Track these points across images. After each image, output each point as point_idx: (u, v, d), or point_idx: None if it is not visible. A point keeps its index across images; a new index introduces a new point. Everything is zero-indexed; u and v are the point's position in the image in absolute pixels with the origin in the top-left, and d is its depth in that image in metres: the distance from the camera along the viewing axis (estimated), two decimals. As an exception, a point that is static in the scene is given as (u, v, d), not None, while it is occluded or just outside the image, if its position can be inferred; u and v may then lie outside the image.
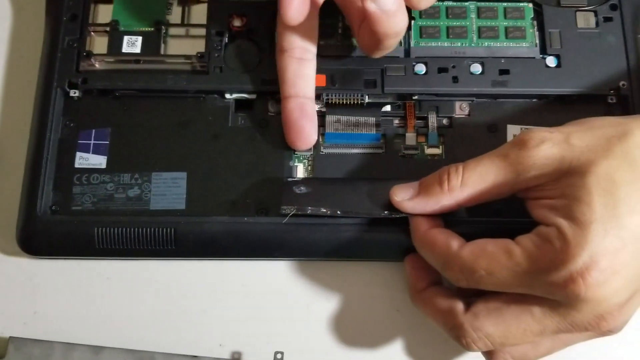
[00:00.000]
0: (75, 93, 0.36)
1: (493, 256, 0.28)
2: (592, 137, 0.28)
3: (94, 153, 0.35)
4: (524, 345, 0.30)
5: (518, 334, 0.29)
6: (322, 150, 0.35)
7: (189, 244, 0.33)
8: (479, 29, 0.37)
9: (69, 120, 0.35)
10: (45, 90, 0.35)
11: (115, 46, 0.36)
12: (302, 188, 0.33)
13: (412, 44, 0.36)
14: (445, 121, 0.36)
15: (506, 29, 0.37)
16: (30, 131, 0.35)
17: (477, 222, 0.33)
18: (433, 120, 0.36)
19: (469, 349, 0.30)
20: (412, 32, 0.37)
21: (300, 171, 0.35)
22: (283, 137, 0.35)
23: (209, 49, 0.36)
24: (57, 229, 0.33)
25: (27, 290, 0.34)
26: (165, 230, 0.33)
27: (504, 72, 0.36)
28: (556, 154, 0.28)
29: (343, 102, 0.36)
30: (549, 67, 0.36)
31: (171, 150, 0.35)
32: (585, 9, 0.37)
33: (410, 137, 0.36)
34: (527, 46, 0.37)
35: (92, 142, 0.35)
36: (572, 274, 0.26)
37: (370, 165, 0.35)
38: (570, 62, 0.36)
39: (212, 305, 0.34)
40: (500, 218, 0.33)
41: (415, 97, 0.36)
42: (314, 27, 0.35)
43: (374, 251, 0.33)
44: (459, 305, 0.30)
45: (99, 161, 0.35)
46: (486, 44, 0.36)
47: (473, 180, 0.30)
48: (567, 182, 0.28)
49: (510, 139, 0.32)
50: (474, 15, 0.37)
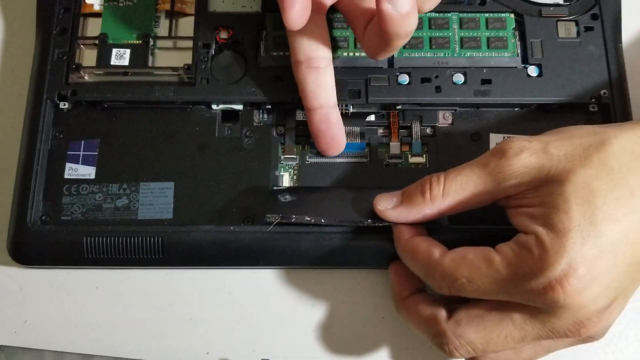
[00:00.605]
0: (64, 105, 0.36)
1: (473, 264, 0.28)
2: (570, 146, 0.28)
3: (83, 164, 0.35)
4: (506, 352, 0.30)
5: (499, 340, 0.29)
6: (307, 159, 0.35)
7: (176, 253, 0.33)
8: (461, 39, 0.37)
9: (58, 132, 0.35)
10: (35, 102, 0.36)
11: (104, 59, 0.36)
12: (287, 197, 0.33)
13: (396, 54, 0.36)
14: (428, 130, 0.36)
15: (488, 39, 0.37)
16: (20, 142, 0.35)
17: (459, 229, 0.33)
18: (417, 129, 0.36)
19: (451, 356, 0.30)
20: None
21: (286, 180, 0.35)
22: (268, 147, 0.35)
23: (195, 60, 0.36)
24: (47, 239, 0.33)
25: (17, 299, 0.34)
26: (152, 239, 0.33)
27: (486, 81, 0.36)
28: (535, 162, 0.28)
29: (328, 112, 0.36)
30: (530, 76, 0.36)
31: (159, 161, 0.35)
32: (566, 18, 0.37)
33: (395, 146, 0.36)
34: (508, 56, 0.37)
35: (82, 153, 0.35)
36: (550, 282, 0.26)
37: (355, 174, 0.35)
38: (551, 71, 0.36)
39: (199, 313, 0.34)
40: (481, 226, 0.33)
41: (399, 107, 0.36)
42: (324, 34, 0.35)
43: (358, 259, 0.33)
44: (442, 313, 0.30)
45: (88, 172, 0.35)
46: (468, 54, 0.36)
47: (454, 189, 0.30)
48: (545, 190, 0.28)
49: (491, 148, 0.32)
50: (456, 26, 0.37)
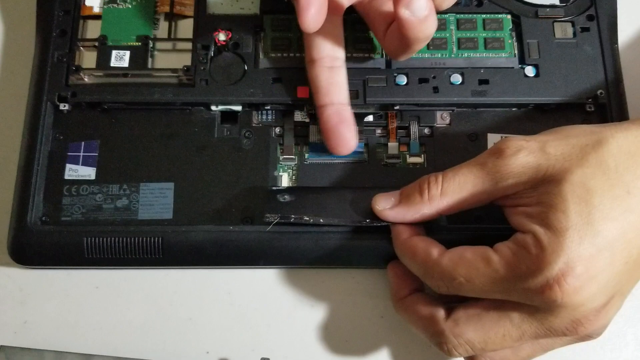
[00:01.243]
0: (64, 106, 0.36)
1: (472, 264, 0.28)
2: (567, 146, 0.28)
3: (83, 165, 0.35)
4: (504, 351, 0.30)
5: (497, 339, 0.29)
6: (306, 159, 0.35)
7: (176, 252, 0.33)
8: (459, 40, 0.37)
9: (58, 133, 0.35)
10: (35, 104, 0.35)
11: (103, 60, 0.36)
12: (286, 197, 0.33)
13: (394, 55, 0.36)
14: (426, 130, 0.36)
15: (485, 40, 0.37)
16: (20, 144, 0.35)
17: (457, 229, 0.33)
18: (415, 129, 0.36)
19: (450, 355, 0.30)
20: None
21: (285, 180, 0.35)
22: (267, 148, 0.35)
23: (195, 62, 0.36)
24: (47, 239, 0.33)
25: (17, 300, 0.34)
26: (152, 239, 0.33)
27: (484, 82, 0.36)
28: (532, 162, 0.28)
29: (327, 113, 0.36)
30: (527, 76, 0.36)
31: (158, 162, 0.35)
32: (563, 19, 0.37)
33: (393, 146, 0.36)
34: (506, 56, 0.37)
35: (82, 154, 0.35)
36: (548, 280, 0.26)
37: (353, 174, 0.35)
38: (548, 71, 0.36)
39: (198, 313, 0.34)
40: (479, 225, 0.33)
41: (397, 107, 0.36)
42: (339, 34, 0.35)
43: (357, 259, 0.33)
44: (440, 312, 0.30)
45: (88, 172, 0.35)
46: (466, 54, 0.36)
47: (452, 189, 0.30)
48: (543, 189, 0.28)
49: (489, 148, 0.32)
50: (453, 27, 0.37)
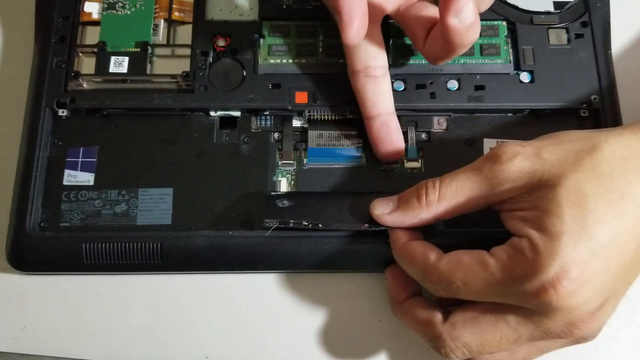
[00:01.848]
0: (63, 112, 0.36)
1: (469, 267, 0.29)
2: (561, 151, 0.29)
3: (82, 170, 0.35)
4: (501, 353, 0.30)
5: (494, 342, 0.29)
6: (304, 165, 0.36)
7: (175, 258, 0.33)
8: (455, 46, 0.37)
9: (57, 139, 0.36)
10: (34, 109, 0.36)
11: (102, 66, 0.36)
12: (285, 202, 0.34)
13: (391, 61, 0.36)
14: (424, 136, 0.36)
15: (481, 46, 0.37)
16: (19, 150, 0.35)
17: (455, 233, 0.33)
18: (412, 134, 0.36)
19: (448, 357, 0.30)
20: (391, 50, 0.37)
21: (284, 185, 0.35)
22: (266, 153, 0.35)
23: (193, 68, 0.36)
24: (46, 245, 0.33)
25: (16, 306, 0.34)
26: (151, 245, 0.33)
27: (480, 87, 0.36)
28: (528, 167, 0.29)
29: (325, 118, 0.36)
30: (522, 82, 0.36)
31: (157, 167, 0.35)
32: (557, 26, 0.38)
33: (390, 151, 0.36)
34: (501, 62, 0.37)
35: (80, 159, 0.35)
36: (543, 284, 0.27)
37: (352, 179, 0.35)
38: (543, 77, 0.36)
39: (198, 318, 0.34)
40: (476, 229, 0.33)
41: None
42: (380, 43, 0.35)
43: (355, 263, 0.34)
44: (438, 316, 0.30)
45: (86, 178, 0.35)
46: (462, 61, 0.37)
47: (450, 194, 0.30)
48: (538, 194, 0.28)
49: (485, 153, 0.32)
50: (450, 34, 0.37)
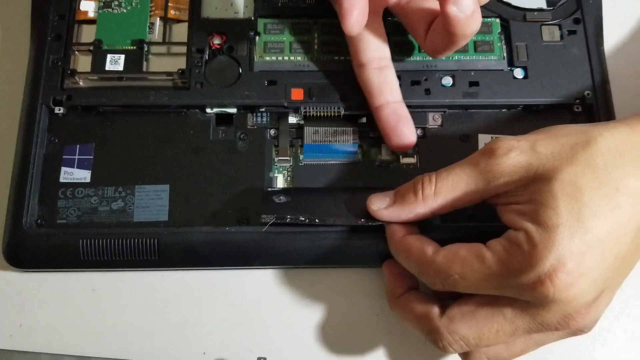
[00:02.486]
0: (59, 110, 0.35)
1: (466, 260, 0.29)
2: (556, 145, 0.29)
3: (78, 168, 0.35)
4: (498, 346, 0.30)
5: (491, 334, 0.29)
6: (301, 161, 0.36)
7: (172, 254, 0.33)
8: (450, 43, 0.37)
9: (53, 136, 0.35)
10: (30, 107, 0.35)
11: (98, 64, 0.36)
12: (281, 198, 0.34)
13: (386, 58, 0.36)
14: (419, 132, 0.36)
15: (475, 43, 0.37)
16: (15, 147, 0.35)
17: (451, 227, 0.33)
18: (407, 130, 0.36)
19: (445, 351, 0.30)
20: (386, 47, 0.37)
21: (280, 182, 0.35)
22: (262, 149, 0.35)
23: (189, 65, 0.36)
24: (43, 242, 0.33)
25: (13, 303, 0.34)
26: (148, 241, 0.33)
27: (474, 84, 0.36)
28: (523, 161, 0.29)
29: (320, 115, 0.36)
30: (516, 78, 0.37)
31: (154, 164, 0.35)
32: (550, 23, 0.38)
33: (386, 147, 0.36)
34: (495, 59, 0.37)
35: (77, 157, 0.35)
36: (540, 276, 0.27)
37: (348, 175, 0.35)
38: (536, 73, 0.37)
39: (195, 314, 0.34)
40: (472, 223, 0.33)
41: (390, 109, 0.36)
42: (382, 34, 0.35)
43: (352, 258, 0.34)
44: (435, 310, 0.30)
45: (83, 175, 0.35)
46: (456, 57, 0.37)
47: (446, 188, 0.30)
48: (534, 188, 0.28)
49: (480, 148, 0.32)
50: (444, 30, 0.37)
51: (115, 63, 0.36)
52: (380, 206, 0.32)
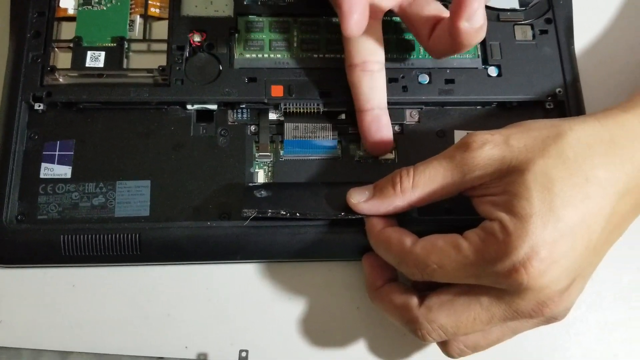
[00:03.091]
0: (39, 106, 0.35)
1: (443, 251, 0.29)
2: (529, 138, 0.29)
3: (59, 164, 0.35)
4: (475, 334, 0.31)
5: (469, 323, 0.29)
6: (281, 156, 0.36)
7: (154, 249, 0.33)
8: (426, 41, 0.38)
9: (33, 133, 0.35)
10: (10, 104, 0.35)
11: (78, 61, 0.36)
12: (262, 192, 0.34)
13: (364, 56, 0.37)
14: (397, 128, 0.37)
15: (451, 41, 0.38)
16: (-5, 144, 0.35)
17: (428, 220, 0.33)
18: (385, 127, 0.37)
19: (424, 340, 0.30)
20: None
21: (261, 177, 0.35)
22: (243, 145, 0.36)
23: (170, 62, 0.36)
24: (24, 238, 0.33)
25: (-8, 300, 0.34)
26: (130, 236, 0.33)
27: (450, 81, 0.37)
28: (497, 154, 0.29)
29: (300, 111, 0.36)
30: (490, 76, 0.37)
31: (135, 160, 0.35)
32: (523, 22, 0.39)
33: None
34: (470, 57, 0.38)
35: (57, 153, 0.35)
36: (514, 264, 0.27)
37: (328, 170, 0.36)
38: (510, 71, 0.37)
39: (177, 308, 0.34)
40: (449, 216, 0.34)
41: (368, 106, 0.36)
42: (379, 39, 0.35)
43: (333, 251, 0.34)
44: (414, 300, 0.30)
45: (64, 171, 0.35)
46: (432, 55, 0.38)
47: (423, 181, 0.31)
48: (508, 179, 0.29)
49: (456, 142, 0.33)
50: (421, 29, 0.38)
51: (96, 60, 0.36)
52: (360, 199, 0.32)
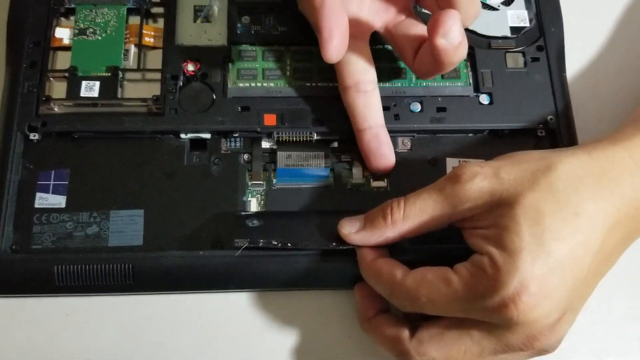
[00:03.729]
0: (34, 136, 0.35)
1: (433, 284, 0.29)
2: (519, 171, 0.29)
3: (53, 193, 0.35)
4: (465, 367, 0.30)
5: (459, 356, 0.29)
6: (274, 185, 0.36)
7: (147, 278, 0.33)
8: (418, 70, 0.38)
9: (28, 162, 0.35)
10: (5, 133, 0.35)
11: (73, 91, 0.36)
12: (255, 222, 0.34)
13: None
14: (389, 155, 0.37)
15: (442, 70, 0.38)
16: (-10, 173, 0.35)
17: (419, 249, 0.33)
18: (377, 155, 0.36)
19: (415, 373, 0.30)
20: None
21: (254, 205, 0.35)
22: (236, 174, 0.35)
23: (164, 92, 0.36)
24: (18, 268, 0.33)
25: (-14, 330, 0.33)
26: (123, 266, 0.33)
27: (441, 109, 0.37)
28: (487, 187, 0.29)
29: (293, 140, 0.36)
30: (482, 104, 0.37)
31: (128, 189, 0.35)
32: (514, 50, 0.38)
33: (357, 171, 0.36)
34: (461, 85, 0.38)
35: (52, 182, 0.35)
36: (504, 300, 0.27)
37: (320, 198, 0.36)
38: (501, 99, 0.37)
39: (169, 338, 0.34)
40: (440, 245, 0.33)
41: (361, 134, 0.36)
42: (368, 59, 0.35)
43: (324, 280, 0.34)
44: (405, 333, 0.30)
45: (58, 201, 0.34)
46: (424, 83, 0.37)
47: (414, 213, 0.30)
48: (497, 212, 0.29)
49: (447, 173, 0.33)
50: (412, 58, 0.38)
51: (90, 89, 0.36)
52: (351, 230, 0.32)
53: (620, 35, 0.41)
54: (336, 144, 0.37)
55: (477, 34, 0.38)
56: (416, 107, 0.37)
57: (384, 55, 0.38)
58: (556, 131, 0.37)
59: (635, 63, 0.41)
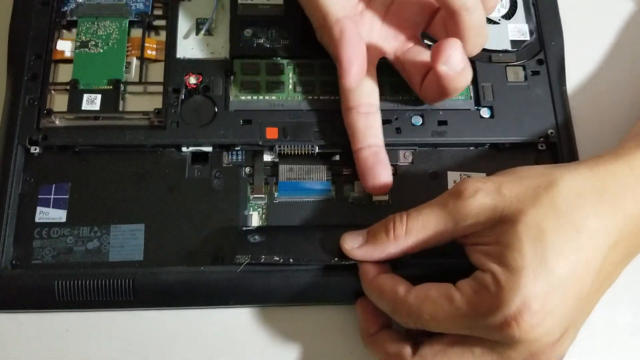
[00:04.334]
0: (35, 149, 0.35)
1: (436, 302, 0.28)
2: (520, 187, 0.29)
3: (54, 207, 0.34)
4: (467, 383, 0.30)
5: (461, 373, 0.29)
6: (275, 198, 0.35)
7: (147, 294, 0.32)
8: (419, 84, 0.37)
9: (29, 176, 0.35)
10: (6, 147, 0.35)
11: (75, 104, 0.35)
12: (256, 237, 0.33)
13: (358, 98, 0.36)
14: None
15: (444, 83, 0.37)
16: (-9, 187, 0.34)
17: (422, 263, 0.33)
18: (379, 168, 0.36)
19: (417, 389, 0.30)
20: (358, 87, 0.37)
21: (255, 219, 0.35)
22: (237, 187, 0.35)
23: (165, 105, 0.36)
24: (18, 283, 0.32)
25: (-15, 345, 0.33)
26: (123, 281, 0.32)
27: (443, 123, 0.36)
28: (489, 203, 0.29)
29: (295, 153, 0.36)
30: (483, 117, 0.37)
31: (129, 203, 0.34)
32: (515, 64, 0.38)
33: (359, 184, 0.36)
34: (462, 99, 0.37)
35: (52, 196, 0.34)
36: (506, 318, 0.27)
37: (321, 212, 0.35)
38: (502, 112, 0.37)
39: (170, 353, 0.33)
40: (443, 260, 0.33)
41: (362, 147, 0.36)
42: (374, 83, 0.35)
43: (326, 296, 0.33)
44: (407, 349, 0.30)
45: (59, 215, 0.34)
46: (426, 97, 0.37)
47: (416, 228, 0.30)
48: (500, 229, 0.28)
49: (450, 187, 0.32)
50: (414, 71, 0.38)
51: (92, 103, 0.36)
52: (353, 245, 0.32)
53: (620, 49, 0.41)
54: (338, 157, 0.36)
55: (478, 47, 0.38)
56: (417, 120, 0.37)
57: (386, 70, 0.37)
58: (557, 145, 0.36)
59: (635, 76, 0.40)
